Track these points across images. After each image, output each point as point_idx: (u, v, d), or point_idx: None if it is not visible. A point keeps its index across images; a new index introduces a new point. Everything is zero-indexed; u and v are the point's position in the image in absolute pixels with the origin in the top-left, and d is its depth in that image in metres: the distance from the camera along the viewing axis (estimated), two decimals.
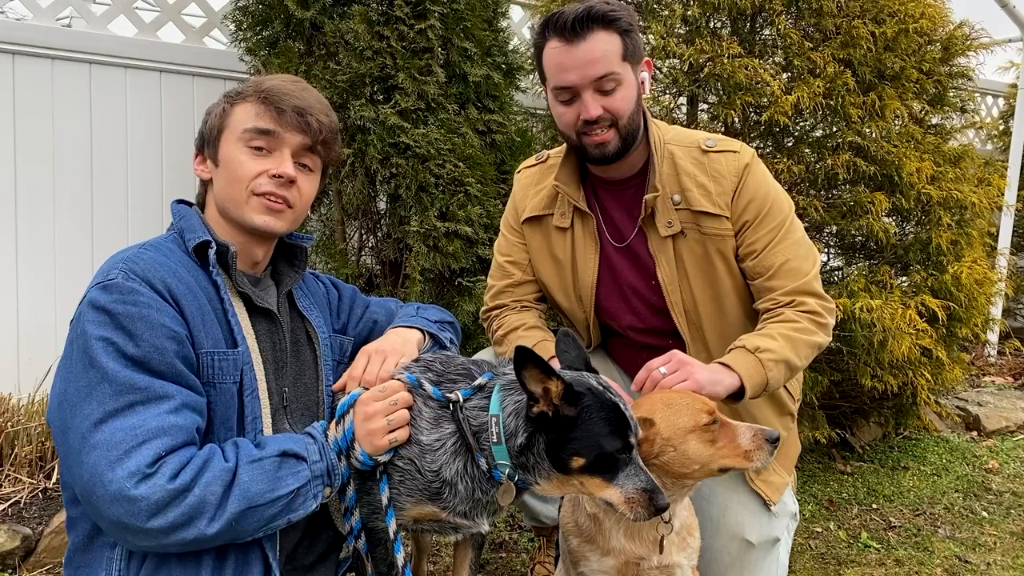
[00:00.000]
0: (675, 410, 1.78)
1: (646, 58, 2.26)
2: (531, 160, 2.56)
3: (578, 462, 1.63)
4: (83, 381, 1.47)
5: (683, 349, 2.33)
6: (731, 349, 2.05)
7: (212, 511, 1.46)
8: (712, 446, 1.76)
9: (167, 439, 1.46)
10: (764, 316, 2.21)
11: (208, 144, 1.77)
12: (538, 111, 4.23)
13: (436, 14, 3.29)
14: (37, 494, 2.93)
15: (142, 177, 3.92)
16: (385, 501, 1.74)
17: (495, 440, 1.68)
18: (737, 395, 1.97)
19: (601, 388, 1.70)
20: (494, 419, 1.69)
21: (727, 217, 2.21)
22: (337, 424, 1.73)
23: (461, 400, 1.74)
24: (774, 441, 1.76)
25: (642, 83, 2.22)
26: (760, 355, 1.98)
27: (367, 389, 1.78)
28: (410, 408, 1.75)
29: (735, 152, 2.25)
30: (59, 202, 3.75)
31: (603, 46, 2.09)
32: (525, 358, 1.57)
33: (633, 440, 1.66)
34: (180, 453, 1.48)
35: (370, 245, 3.72)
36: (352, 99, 3.28)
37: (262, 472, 1.53)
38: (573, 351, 1.87)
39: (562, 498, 2.14)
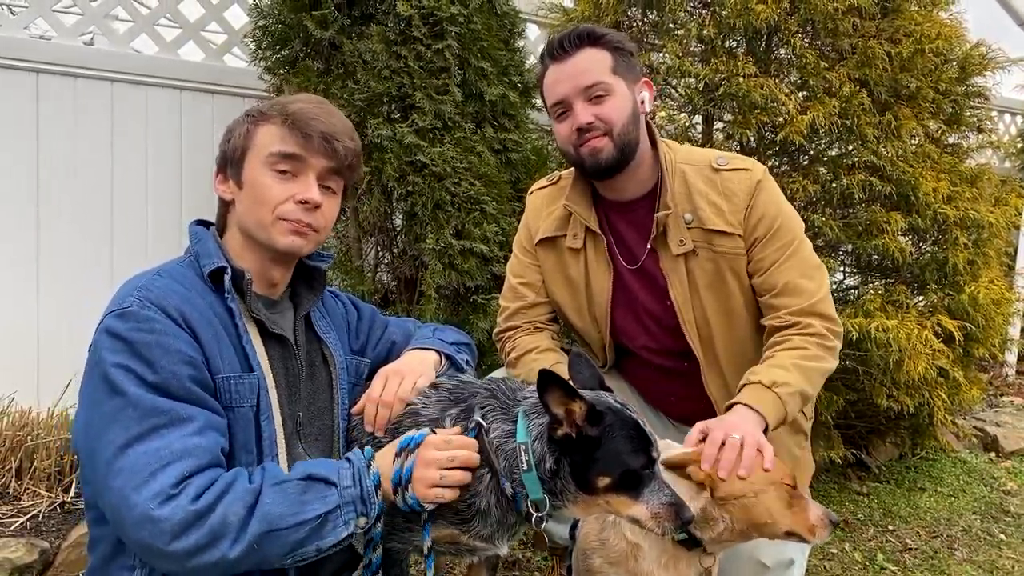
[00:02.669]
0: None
1: (645, 79, 2.30)
2: (543, 181, 2.58)
3: (604, 481, 1.64)
4: (106, 407, 1.49)
5: (696, 369, 2.34)
6: (745, 384, 2.05)
7: (234, 533, 1.45)
8: (788, 508, 1.79)
9: (191, 460, 1.47)
10: (770, 338, 2.21)
11: (231, 164, 1.76)
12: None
13: (453, 34, 3.32)
14: (55, 507, 2.95)
15: (162, 192, 3.97)
16: (428, 547, 1.72)
17: (525, 468, 1.67)
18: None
19: (620, 406, 1.71)
20: (522, 447, 1.68)
21: (740, 235, 2.22)
22: (397, 456, 1.67)
23: (485, 425, 1.74)
24: (836, 524, 1.83)
25: (642, 102, 2.26)
26: (777, 390, 1.99)
27: (434, 432, 1.72)
28: (474, 470, 1.70)
29: (747, 170, 2.27)
30: (80, 216, 3.80)
31: (591, 60, 2.18)
32: (548, 381, 1.58)
33: (655, 454, 1.67)
34: (205, 474, 1.48)
35: (386, 262, 3.75)
36: (370, 118, 3.32)
37: (285, 495, 1.51)
38: (587, 371, 1.87)
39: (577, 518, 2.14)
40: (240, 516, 1.46)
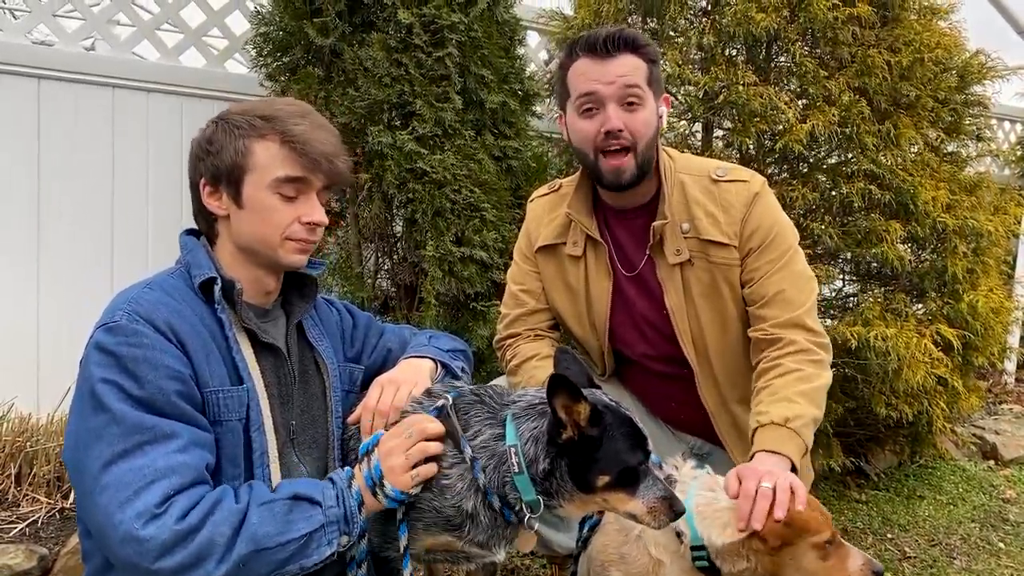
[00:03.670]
0: (806, 517, 1.77)
1: (665, 95, 2.30)
2: (544, 189, 2.59)
3: (603, 480, 1.66)
4: (93, 423, 1.50)
5: (692, 377, 2.35)
6: (759, 426, 2.00)
7: (220, 553, 1.46)
8: (823, 563, 1.76)
9: (176, 478, 1.48)
10: (757, 355, 2.20)
11: (227, 182, 1.72)
12: (554, 135, 4.26)
13: (454, 42, 3.33)
14: (54, 514, 2.96)
15: (162, 198, 3.97)
16: (403, 544, 1.73)
17: (516, 470, 1.68)
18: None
19: (615, 404, 1.74)
20: (512, 449, 1.69)
21: (735, 246, 2.23)
22: (360, 463, 1.72)
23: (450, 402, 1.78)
24: (879, 574, 1.77)
25: (660, 117, 2.26)
26: (791, 425, 1.96)
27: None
28: (442, 439, 1.73)
29: (745, 182, 2.27)
30: (81, 222, 3.80)
31: (631, 66, 2.16)
32: (559, 384, 1.59)
33: (650, 449, 1.71)
34: (190, 493, 1.49)
35: (386, 268, 3.75)
36: (370, 125, 3.32)
37: (271, 515, 1.53)
38: (574, 367, 1.89)
39: (583, 527, 2.13)
40: (226, 536, 1.47)
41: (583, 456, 1.66)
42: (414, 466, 1.68)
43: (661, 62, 2.27)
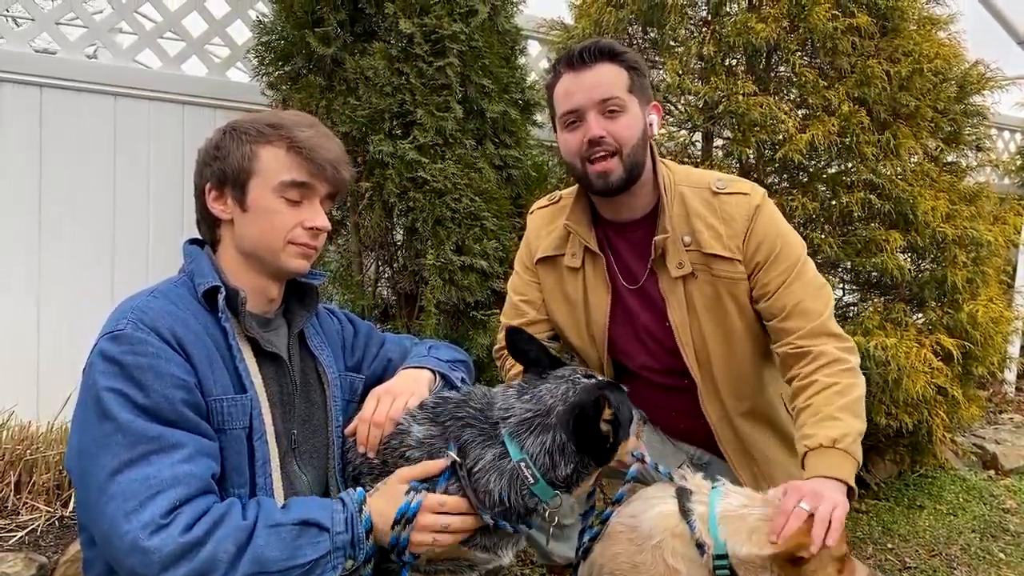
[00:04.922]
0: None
1: (655, 102, 2.30)
2: (543, 200, 2.60)
3: (623, 448, 1.83)
4: (97, 431, 1.50)
5: (695, 390, 2.34)
6: (808, 450, 1.96)
7: (224, 569, 1.45)
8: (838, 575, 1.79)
9: (181, 488, 1.48)
10: (788, 372, 2.18)
11: (232, 185, 1.75)
12: (554, 144, 4.26)
13: (455, 51, 3.34)
14: (54, 522, 2.95)
15: (163, 207, 3.98)
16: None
17: (532, 481, 1.72)
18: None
19: (600, 378, 1.89)
20: (522, 463, 1.72)
21: (739, 260, 2.22)
22: (396, 524, 1.68)
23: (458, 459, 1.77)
24: None
25: (649, 124, 2.26)
26: (840, 446, 1.93)
27: (431, 490, 1.73)
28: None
29: (746, 194, 2.27)
30: (81, 230, 3.81)
31: (608, 75, 2.18)
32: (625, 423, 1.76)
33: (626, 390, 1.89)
34: (195, 504, 1.49)
35: (386, 277, 3.75)
36: (371, 134, 3.33)
37: (279, 539, 1.52)
38: (533, 347, 1.97)
39: (583, 536, 2.12)
40: (230, 554, 1.47)
41: (609, 443, 1.77)
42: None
43: (646, 69, 2.27)
